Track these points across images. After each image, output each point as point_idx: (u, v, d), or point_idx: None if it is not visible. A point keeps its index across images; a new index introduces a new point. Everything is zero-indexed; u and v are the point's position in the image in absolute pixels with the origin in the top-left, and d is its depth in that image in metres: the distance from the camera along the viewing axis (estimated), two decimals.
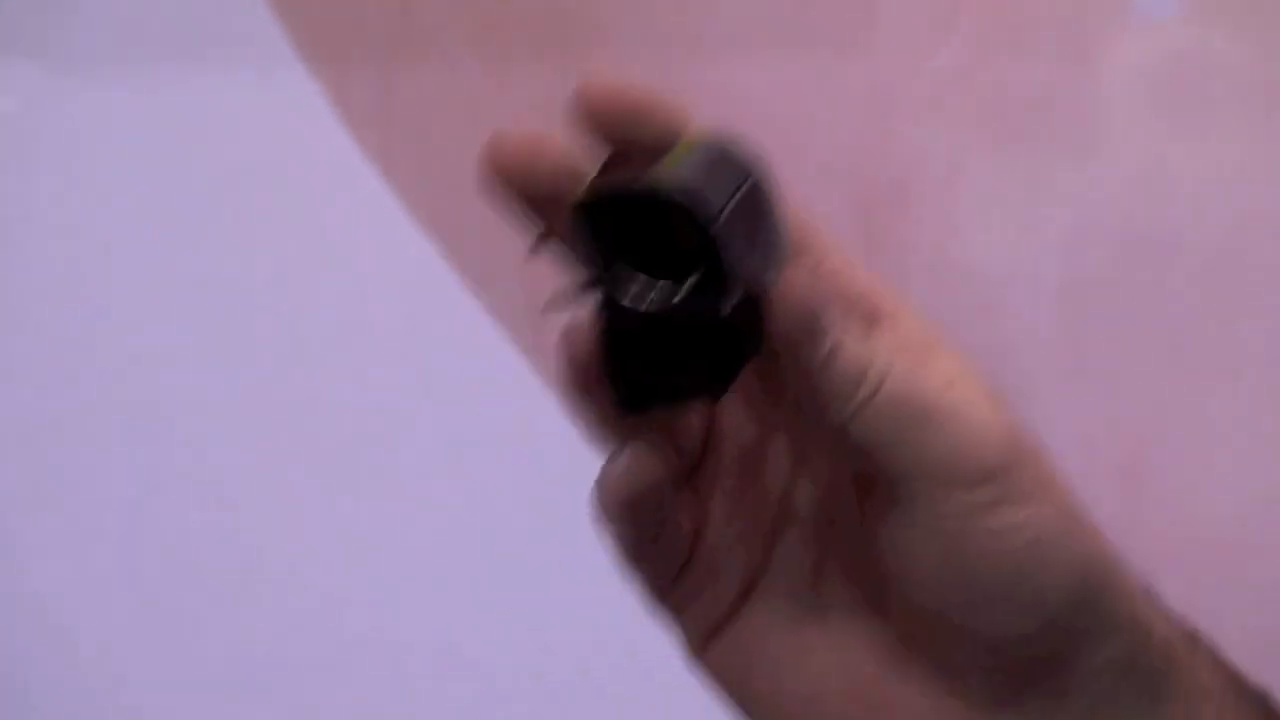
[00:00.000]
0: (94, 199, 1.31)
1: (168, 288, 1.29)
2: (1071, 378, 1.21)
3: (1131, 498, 1.19)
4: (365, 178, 1.29)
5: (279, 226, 1.28)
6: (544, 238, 0.51)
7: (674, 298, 0.48)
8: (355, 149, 1.29)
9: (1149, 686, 0.52)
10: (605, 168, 0.50)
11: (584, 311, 0.51)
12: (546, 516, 1.19)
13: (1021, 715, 0.52)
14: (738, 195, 0.49)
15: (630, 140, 0.50)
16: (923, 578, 0.51)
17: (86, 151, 1.30)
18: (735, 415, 0.54)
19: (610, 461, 0.51)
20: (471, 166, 0.51)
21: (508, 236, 0.54)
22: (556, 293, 0.50)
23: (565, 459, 0.72)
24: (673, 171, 0.48)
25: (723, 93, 1.23)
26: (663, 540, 0.53)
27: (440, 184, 1.27)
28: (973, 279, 1.22)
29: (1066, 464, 0.51)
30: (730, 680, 0.54)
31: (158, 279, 1.29)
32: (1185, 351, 1.20)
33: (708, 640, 0.53)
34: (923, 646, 0.52)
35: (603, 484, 0.51)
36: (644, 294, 0.49)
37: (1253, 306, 1.19)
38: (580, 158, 0.50)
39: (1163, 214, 1.21)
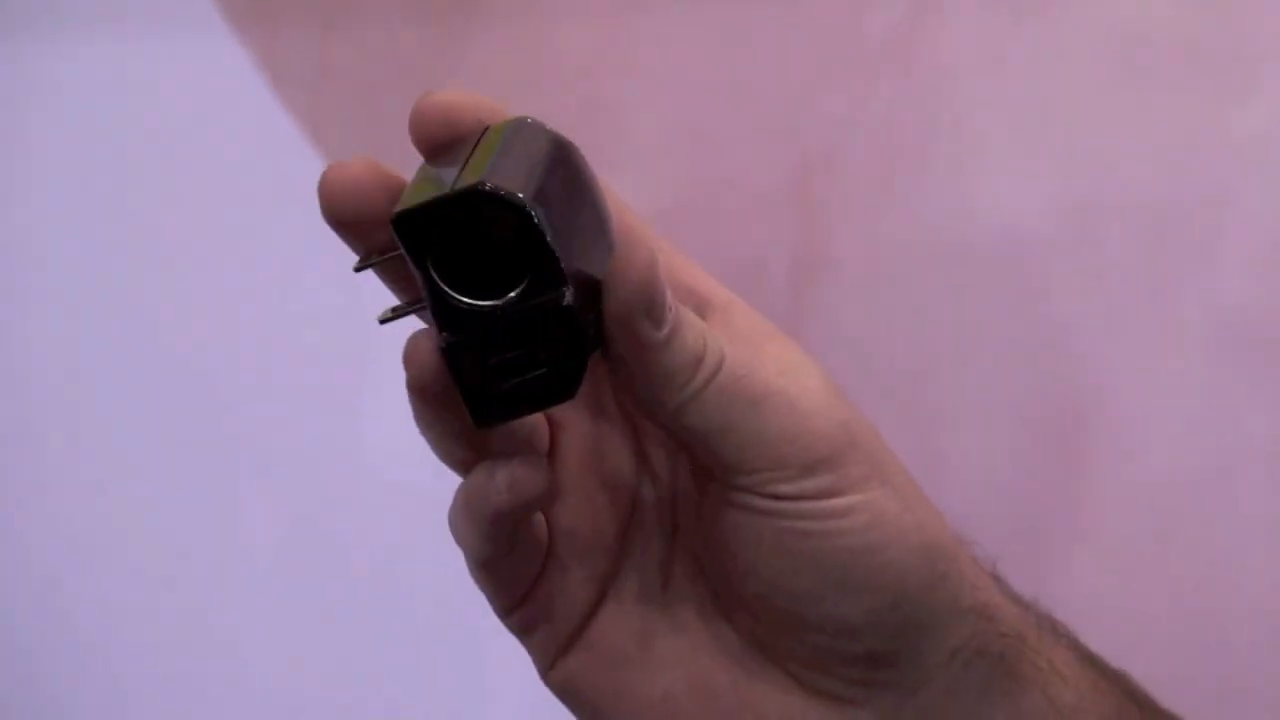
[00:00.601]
0: (17, 167, 1.29)
1: (92, 258, 1.28)
2: (1015, 345, 1.20)
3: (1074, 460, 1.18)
4: (294, 143, 1.27)
5: (207, 195, 1.27)
6: (368, 255, 0.50)
7: (511, 293, 0.47)
8: (285, 114, 1.28)
9: (1001, 672, 0.51)
10: (417, 181, 0.49)
11: (422, 327, 0.50)
12: None
13: (877, 711, 0.51)
14: (546, 175, 0.48)
15: (444, 144, 0.49)
16: (761, 569, 0.50)
17: (7, 118, 1.28)
18: (572, 418, 0.53)
19: (483, 477, 0.50)
20: (403, 131, 0.50)
21: None
22: (386, 310, 0.50)
23: None
24: (476, 169, 0.47)
25: (663, 48, 1.22)
26: (515, 555, 0.51)
27: (371, 149, 1.26)
28: (908, 246, 1.21)
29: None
30: (580, 698, 0.53)
31: (82, 249, 1.28)
32: (1124, 319, 1.20)
33: (556, 659, 0.52)
34: (772, 645, 0.52)
35: (475, 501, 0.50)
36: (482, 297, 0.47)
37: (1190, 273, 1.18)
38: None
39: (1104, 181, 1.20)
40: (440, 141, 0.49)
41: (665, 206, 1.18)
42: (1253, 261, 1.18)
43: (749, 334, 0.51)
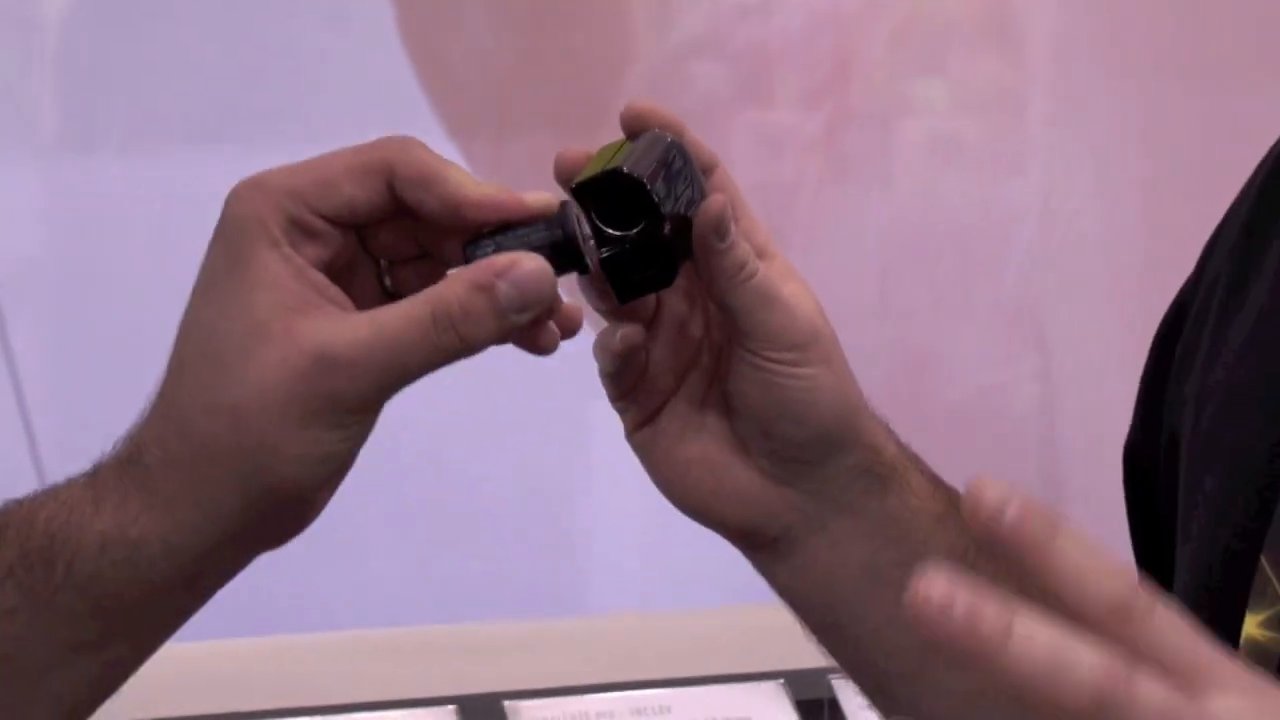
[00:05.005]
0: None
1: None
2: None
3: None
4: None
5: None
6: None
7: (634, 228, 0.82)
8: None
9: (877, 482, 0.87)
10: (592, 161, 0.84)
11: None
12: None
13: (798, 492, 0.86)
14: (658, 161, 0.83)
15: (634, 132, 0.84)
16: (751, 401, 0.85)
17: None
18: (672, 299, 0.87)
19: (614, 329, 0.84)
20: None
21: None
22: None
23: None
24: (622, 160, 0.83)
25: None
26: (623, 370, 0.86)
27: None
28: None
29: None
30: (645, 451, 0.87)
31: None
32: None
33: (638, 427, 0.87)
34: (751, 445, 0.86)
35: (614, 339, 0.84)
36: (621, 230, 0.82)
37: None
38: None
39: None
40: (632, 131, 0.84)
41: None
42: None
43: (781, 270, 0.86)
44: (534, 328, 0.78)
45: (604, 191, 0.82)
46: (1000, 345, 2.10)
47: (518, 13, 2.01)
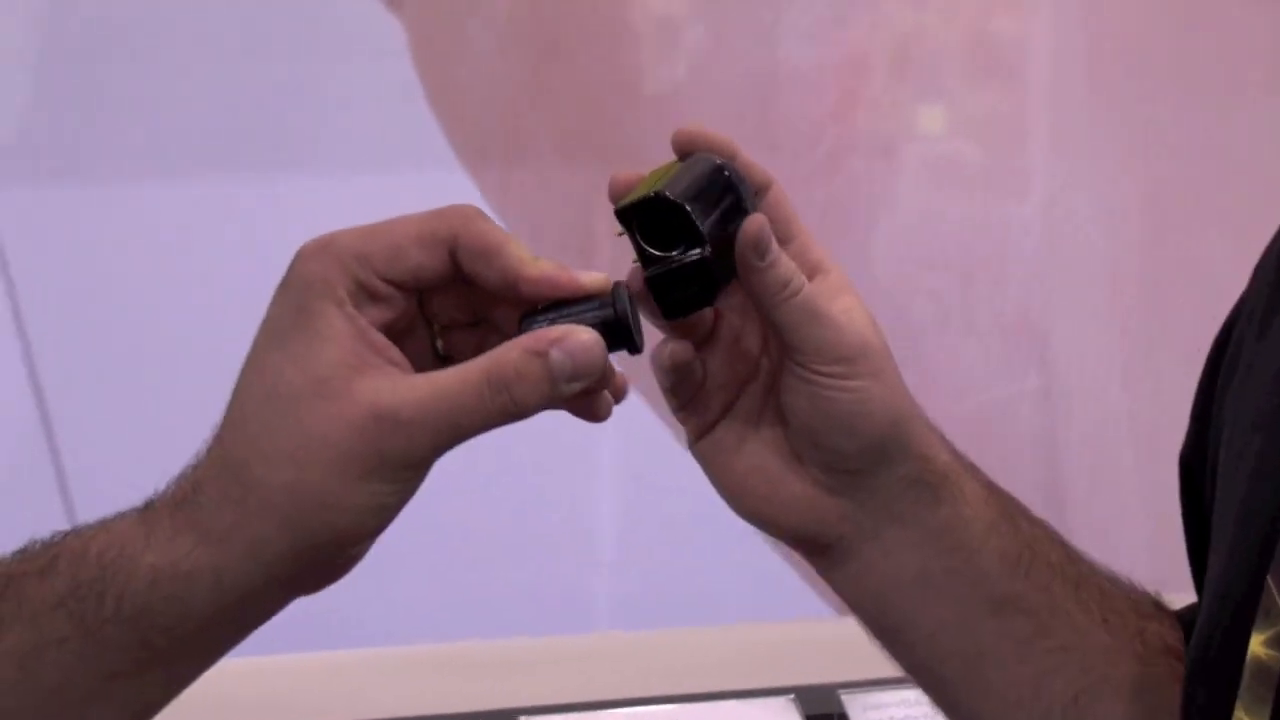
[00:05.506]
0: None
1: None
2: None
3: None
4: None
5: None
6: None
7: (676, 250, 0.86)
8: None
9: (929, 492, 0.89)
10: (641, 183, 0.87)
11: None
12: None
13: (850, 501, 0.89)
14: (701, 184, 0.86)
15: (684, 154, 0.88)
16: (802, 413, 0.87)
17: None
18: (730, 314, 0.90)
19: (665, 345, 0.87)
20: None
21: None
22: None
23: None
24: (664, 184, 0.86)
25: None
26: (687, 382, 0.89)
27: None
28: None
29: None
30: (706, 460, 0.90)
31: None
32: None
33: (699, 438, 0.90)
34: (803, 455, 0.89)
35: (664, 354, 0.87)
36: (664, 250, 0.86)
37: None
38: None
39: None
40: (683, 152, 0.87)
41: None
42: None
43: (834, 284, 0.88)
44: (588, 397, 0.81)
45: (649, 213, 0.85)
46: (1002, 362, 2.13)
47: (528, 41, 2.04)
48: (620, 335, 0.81)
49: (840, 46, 2.03)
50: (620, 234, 0.87)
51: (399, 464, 0.77)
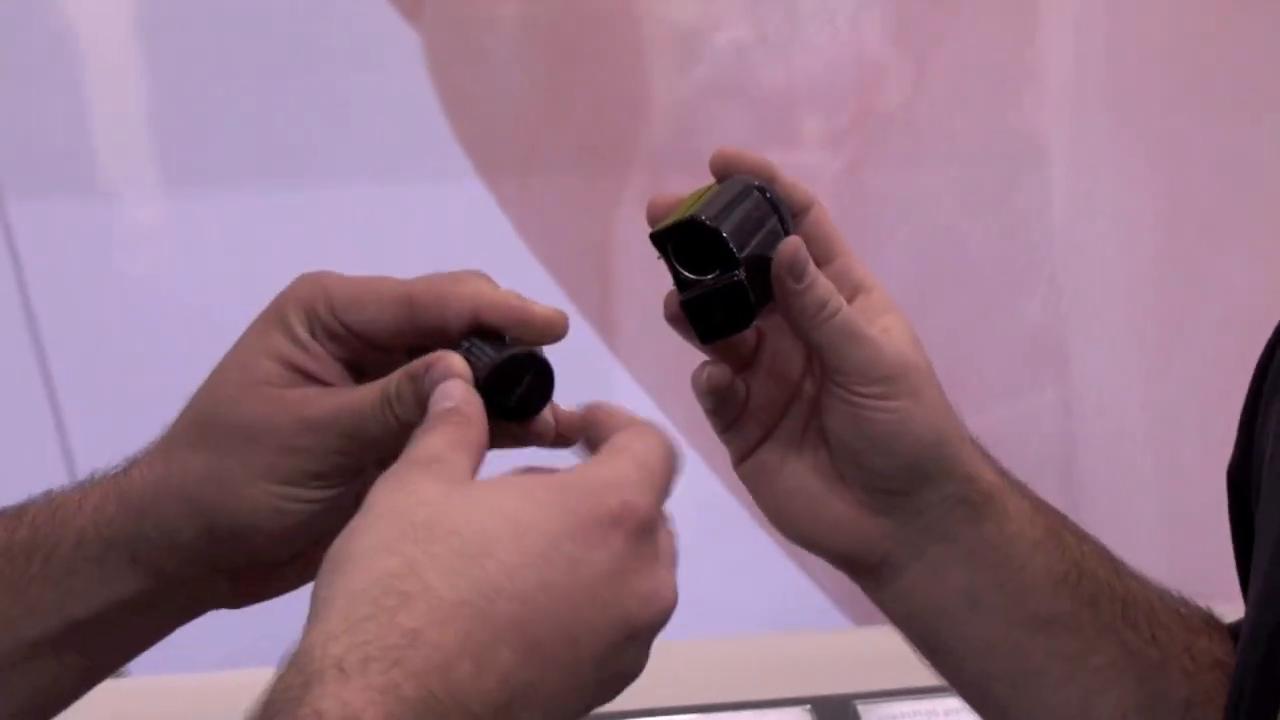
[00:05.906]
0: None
1: None
2: None
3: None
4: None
5: None
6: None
7: (711, 273, 0.85)
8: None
9: (972, 510, 0.89)
10: (679, 206, 0.87)
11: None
12: None
13: (893, 521, 0.89)
14: (737, 207, 0.86)
15: (722, 176, 0.88)
16: (843, 434, 0.88)
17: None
18: (773, 335, 0.90)
19: (703, 368, 0.88)
20: None
21: None
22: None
23: None
24: (699, 208, 0.86)
25: None
26: (729, 404, 0.89)
27: None
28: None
29: None
30: (751, 480, 0.90)
31: None
32: None
33: (742, 459, 0.90)
34: (846, 475, 0.89)
35: (701, 378, 0.88)
36: (698, 274, 0.86)
37: None
38: None
39: None
40: (720, 175, 0.87)
41: None
42: None
43: (876, 303, 0.88)
44: (526, 433, 0.84)
45: (684, 237, 0.85)
46: (1022, 376, 2.13)
47: (544, 53, 2.04)
48: (497, 383, 0.81)
49: (859, 58, 2.03)
50: (658, 258, 0.87)
51: (306, 469, 0.82)
